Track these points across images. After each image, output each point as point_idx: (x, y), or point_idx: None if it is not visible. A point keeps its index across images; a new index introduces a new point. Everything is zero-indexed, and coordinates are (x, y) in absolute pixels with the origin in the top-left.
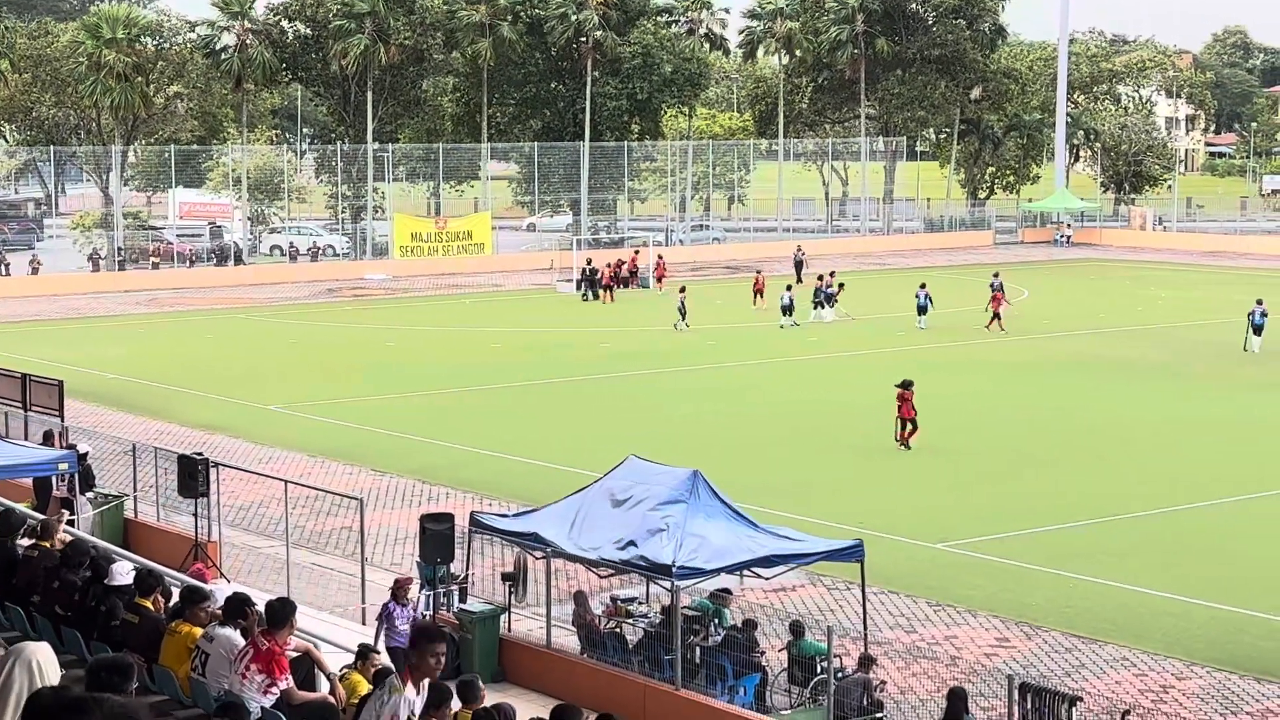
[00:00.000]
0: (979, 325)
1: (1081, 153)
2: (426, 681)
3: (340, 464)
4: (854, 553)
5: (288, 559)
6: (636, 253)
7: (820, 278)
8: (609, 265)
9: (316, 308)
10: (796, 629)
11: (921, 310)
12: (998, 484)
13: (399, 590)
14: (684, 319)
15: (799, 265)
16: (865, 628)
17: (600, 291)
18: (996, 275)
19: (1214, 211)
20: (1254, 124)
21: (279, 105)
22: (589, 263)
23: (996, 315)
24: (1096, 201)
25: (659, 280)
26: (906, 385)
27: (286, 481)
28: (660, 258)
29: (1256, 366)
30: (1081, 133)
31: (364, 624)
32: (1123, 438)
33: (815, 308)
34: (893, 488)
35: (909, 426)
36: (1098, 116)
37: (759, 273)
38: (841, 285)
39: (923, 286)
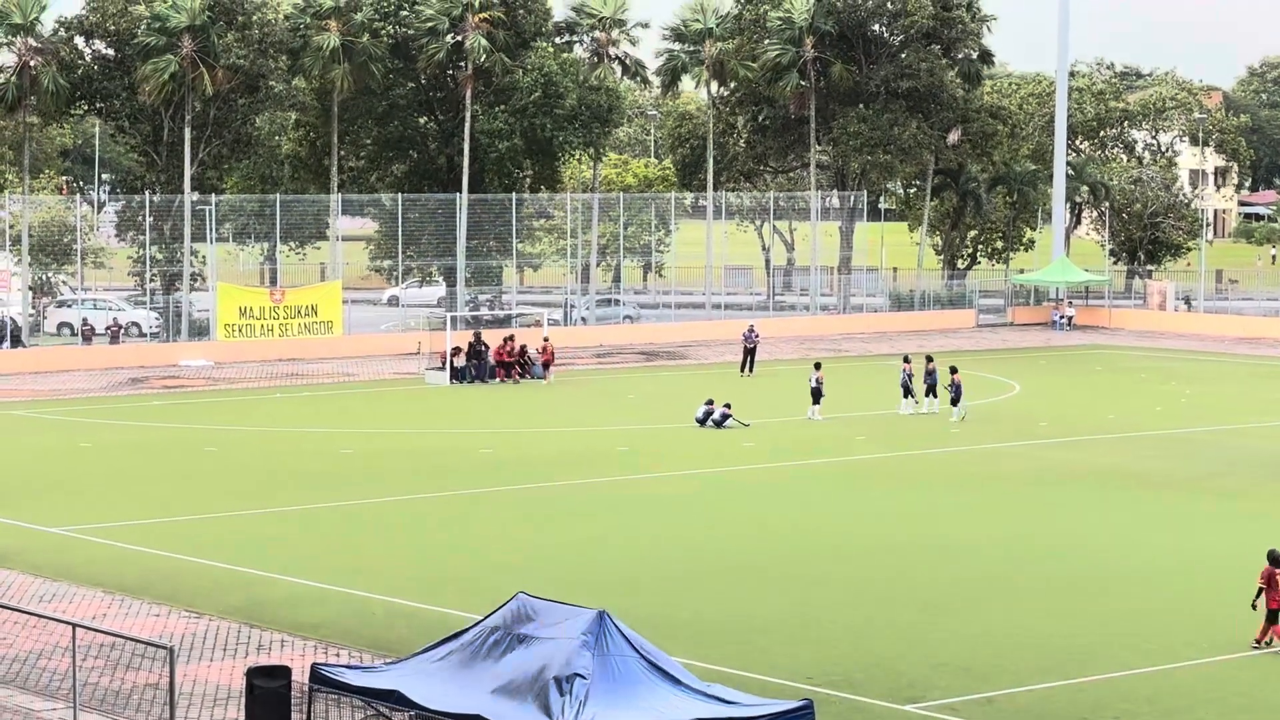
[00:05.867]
0: (968, 423)
1: (1085, 213)
2: None
3: (145, 603)
4: (802, 716)
5: None
6: (510, 337)
7: (818, 366)
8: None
9: (116, 402)
10: None
11: (909, 392)
12: (979, 629)
13: None
14: (817, 403)
15: (750, 352)
16: None
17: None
18: None
19: (1250, 287)
20: None
21: (71, 144)
22: (477, 337)
23: None
24: (1104, 274)
25: (546, 368)
26: (1277, 560)
27: (75, 625)
28: (547, 340)
29: None
30: (1085, 188)
31: None
32: (1134, 572)
33: (921, 397)
34: (852, 633)
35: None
36: (1105, 168)
37: (509, 339)
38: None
39: (932, 360)
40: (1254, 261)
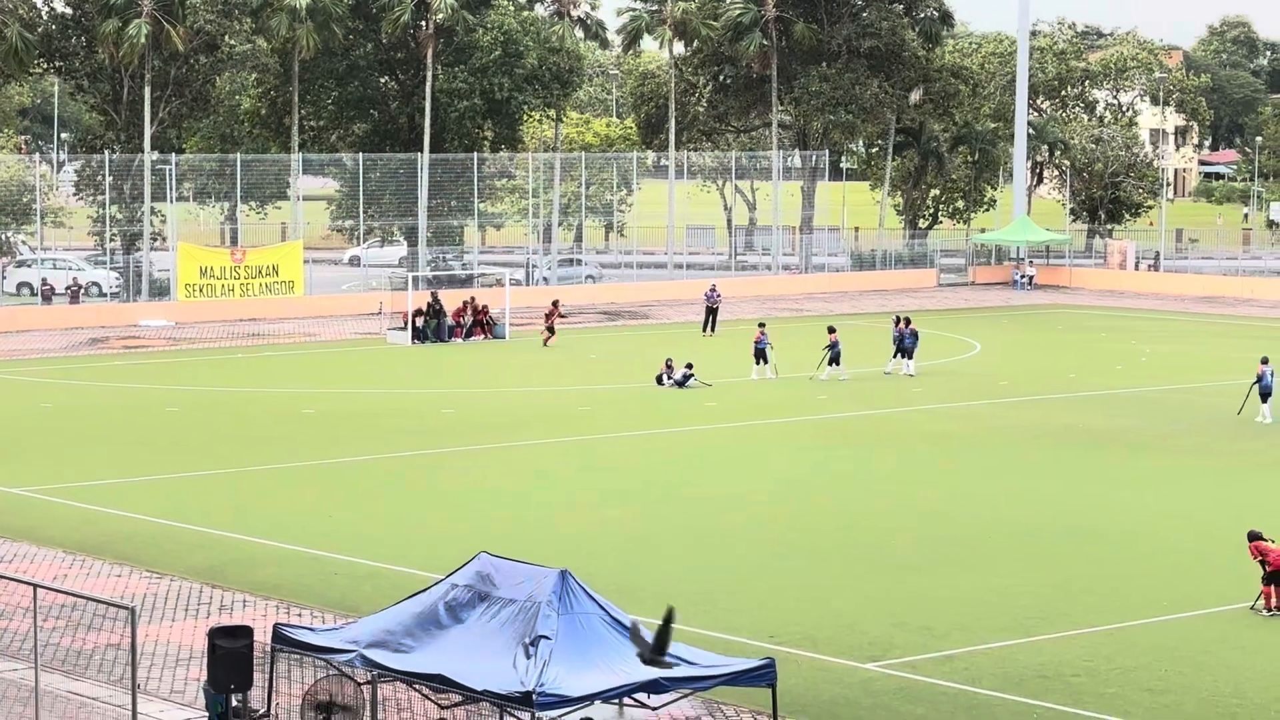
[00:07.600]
0: (922, 384)
1: (1046, 172)
2: None
3: (106, 563)
4: (764, 675)
5: (36, 686)
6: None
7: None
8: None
9: (77, 362)
10: None
11: (834, 360)
12: (940, 588)
13: None
14: (765, 362)
15: (712, 312)
16: None
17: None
18: None
19: (1210, 246)
20: (1259, 138)
21: (30, 103)
22: (435, 297)
23: None
24: (1065, 233)
25: (549, 331)
26: (1254, 538)
27: (36, 585)
28: (471, 299)
29: (1263, 440)
30: (1046, 147)
31: None
32: (1094, 531)
33: (757, 362)
34: (812, 593)
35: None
36: (1066, 127)
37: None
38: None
39: (900, 321)
40: (1214, 221)
